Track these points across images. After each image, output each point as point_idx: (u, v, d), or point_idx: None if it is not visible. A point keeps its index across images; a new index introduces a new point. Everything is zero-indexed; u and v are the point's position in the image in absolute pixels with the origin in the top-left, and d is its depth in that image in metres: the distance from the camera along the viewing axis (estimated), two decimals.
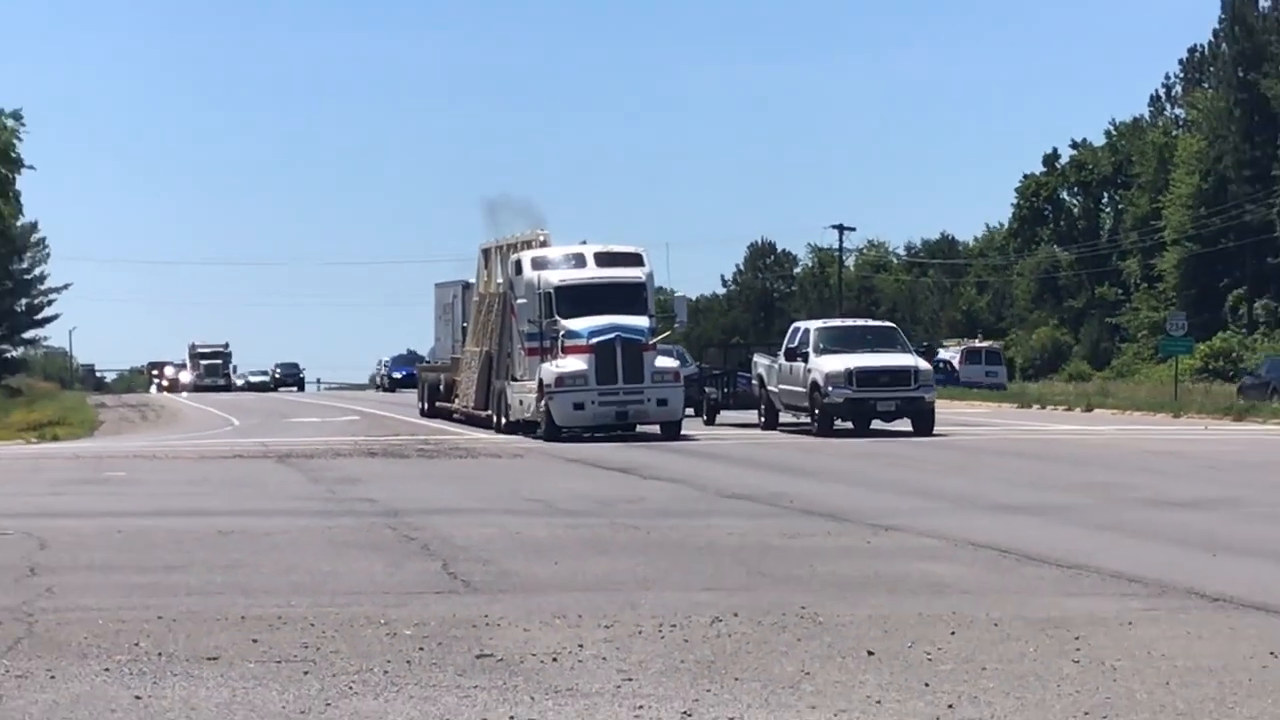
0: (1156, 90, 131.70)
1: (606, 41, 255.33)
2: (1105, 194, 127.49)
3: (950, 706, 11.45)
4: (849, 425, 46.89)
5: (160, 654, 13.36)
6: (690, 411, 53.64)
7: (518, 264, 47.19)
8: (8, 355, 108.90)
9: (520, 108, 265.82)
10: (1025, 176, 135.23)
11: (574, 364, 43.79)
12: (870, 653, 13.34)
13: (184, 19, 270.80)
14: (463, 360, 55.54)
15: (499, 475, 33.64)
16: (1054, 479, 31.70)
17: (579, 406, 43.71)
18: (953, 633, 14.23)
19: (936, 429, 46.66)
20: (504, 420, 48.43)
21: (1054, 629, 14.44)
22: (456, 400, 55.72)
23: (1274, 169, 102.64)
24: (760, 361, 51.38)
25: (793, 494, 27.99)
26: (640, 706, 11.46)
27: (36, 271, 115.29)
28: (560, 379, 43.57)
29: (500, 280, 51.20)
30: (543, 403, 43.99)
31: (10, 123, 70.77)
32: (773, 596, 16.34)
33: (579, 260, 46.56)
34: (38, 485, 31.59)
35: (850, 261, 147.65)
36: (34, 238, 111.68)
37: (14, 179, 73.96)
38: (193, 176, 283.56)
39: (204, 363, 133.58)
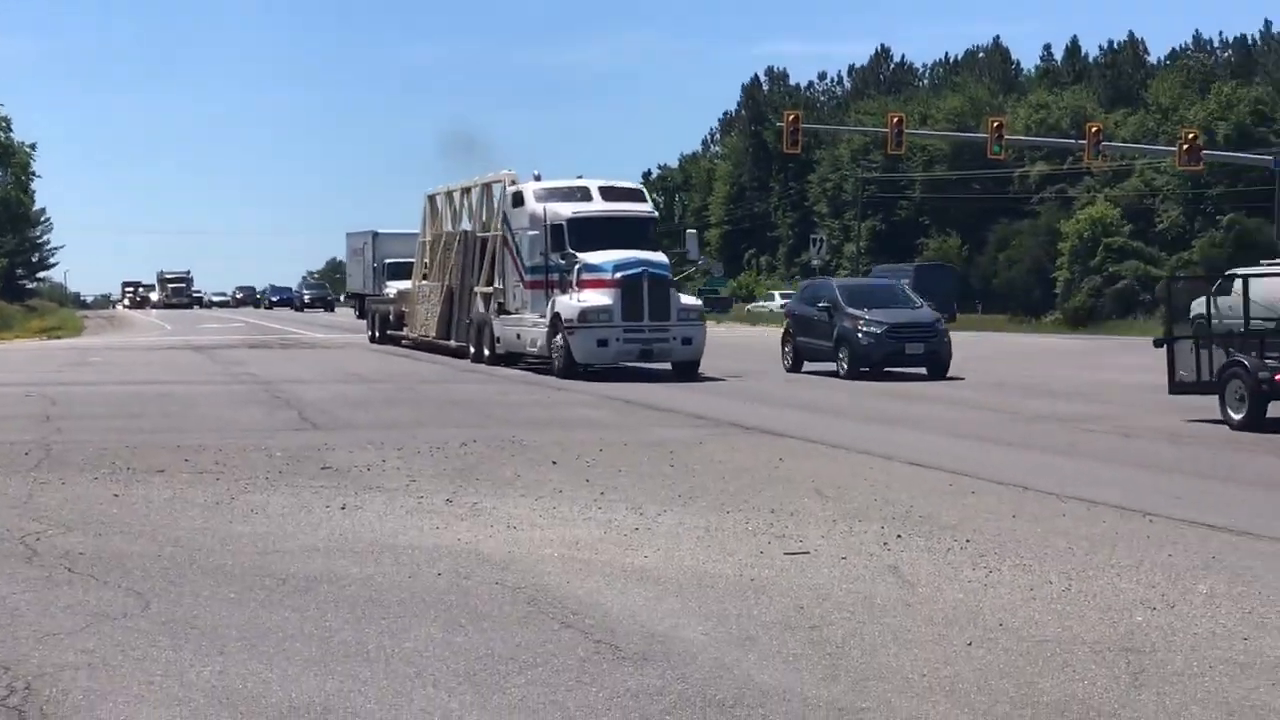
0: (706, 135, 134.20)
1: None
2: (678, 195, 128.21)
3: (602, 493, 11.41)
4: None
5: (128, 468, 12.81)
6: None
7: (517, 196, 28.48)
8: (27, 287, 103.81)
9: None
10: None
11: (597, 299, 25.72)
12: (554, 463, 13.26)
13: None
14: (414, 294, 36.77)
15: (331, 359, 32.80)
16: None
17: (602, 343, 25.62)
18: (601, 450, 14.22)
19: None
20: (487, 352, 29.61)
21: (658, 447, 14.51)
22: (407, 329, 37.00)
23: (770, 183, 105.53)
24: None
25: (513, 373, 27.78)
26: (421, 496, 11.25)
27: (45, 238, 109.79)
28: (584, 314, 25.52)
29: (453, 222, 34.20)
30: (559, 337, 25.87)
31: (29, 150, 67.86)
32: (495, 431, 16.20)
33: (585, 194, 27.99)
34: (47, 366, 30.15)
35: None
36: (43, 217, 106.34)
37: (30, 183, 71.00)
38: (162, 162, 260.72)
39: (170, 285, 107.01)
